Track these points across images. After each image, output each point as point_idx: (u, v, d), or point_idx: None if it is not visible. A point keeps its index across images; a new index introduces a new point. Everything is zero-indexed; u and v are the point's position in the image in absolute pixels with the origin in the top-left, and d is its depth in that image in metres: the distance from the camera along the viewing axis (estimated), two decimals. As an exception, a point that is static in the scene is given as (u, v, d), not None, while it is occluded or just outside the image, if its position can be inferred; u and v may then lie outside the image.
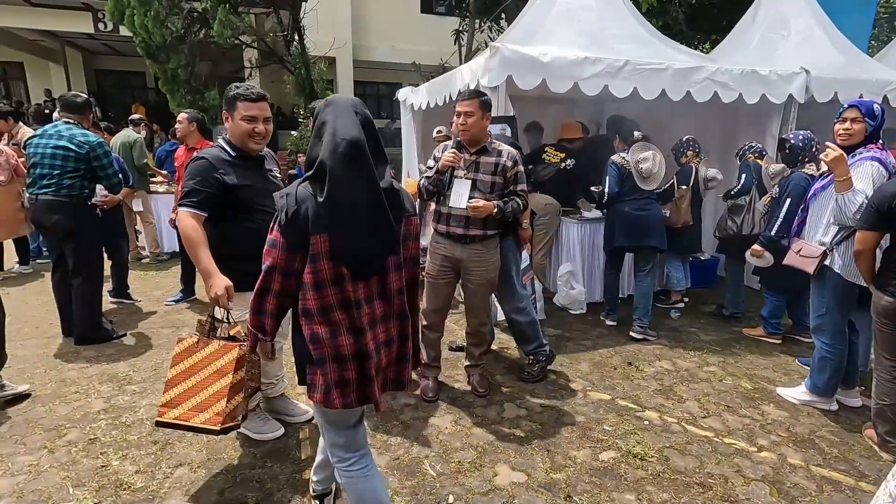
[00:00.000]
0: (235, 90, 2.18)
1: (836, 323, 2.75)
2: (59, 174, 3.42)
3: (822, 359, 2.83)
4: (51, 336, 3.76)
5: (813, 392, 2.92)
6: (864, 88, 4.71)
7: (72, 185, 3.45)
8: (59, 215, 3.45)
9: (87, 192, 3.53)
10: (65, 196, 3.44)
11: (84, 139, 3.47)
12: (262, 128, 2.21)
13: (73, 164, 3.44)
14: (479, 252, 2.74)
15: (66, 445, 2.44)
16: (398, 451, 2.44)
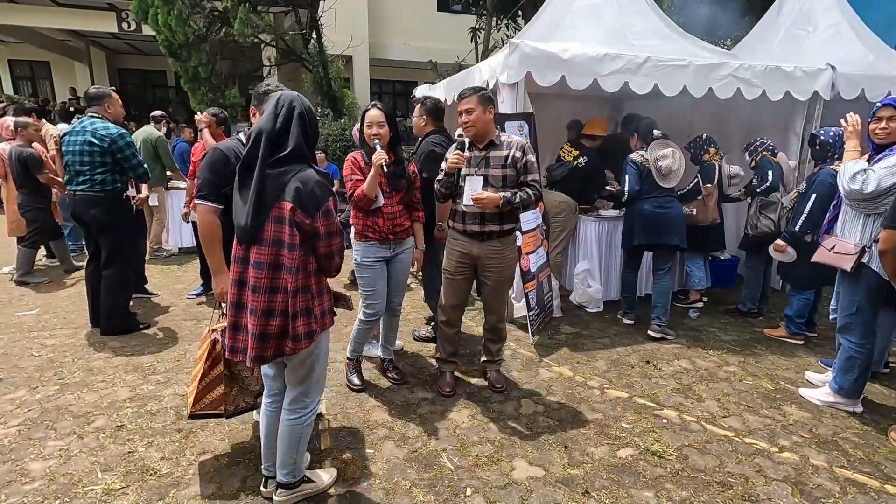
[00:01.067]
0: (267, 86, 2.24)
1: (866, 322, 2.71)
2: (89, 169, 3.53)
3: (849, 358, 2.78)
4: (78, 326, 3.87)
5: (838, 393, 2.87)
6: (892, 85, 4.60)
7: (104, 179, 3.56)
8: (95, 209, 3.57)
9: (119, 185, 3.64)
10: (99, 191, 3.56)
11: (105, 132, 3.54)
12: None
13: (99, 157, 3.53)
14: (495, 248, 2.74)
15: (95, 431, 2.51)
16: (416, 444, 2.47)
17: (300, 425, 1.93)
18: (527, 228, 3.75)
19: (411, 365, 3.32)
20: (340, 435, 2.54)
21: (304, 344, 1.78)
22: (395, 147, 2.70)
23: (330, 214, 1.73)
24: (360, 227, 2.76)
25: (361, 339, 2.99)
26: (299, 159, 1.72)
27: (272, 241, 1.71)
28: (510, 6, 9.73)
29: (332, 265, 1.83)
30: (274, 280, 1.72)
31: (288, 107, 1.71)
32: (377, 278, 2.81)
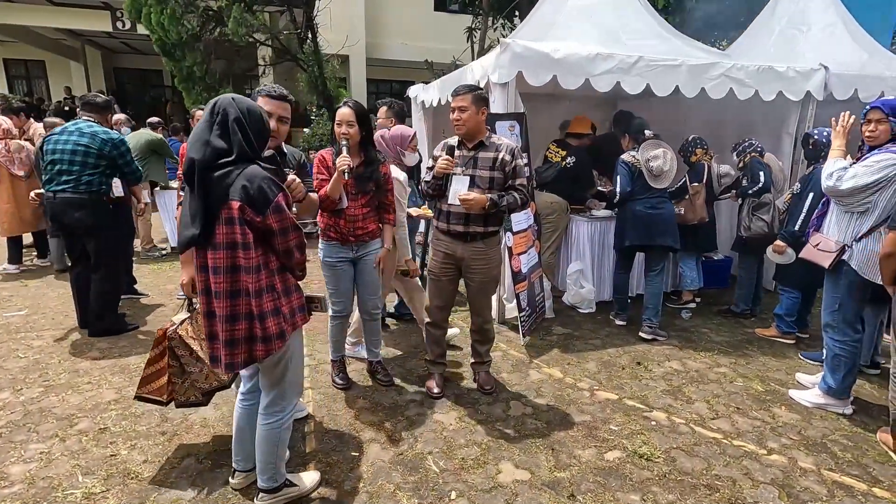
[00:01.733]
0: (264, 86, 2.22)
1: (848, 319, 2.73)
2: (78, 170, 3.48)
3: (834, 357, 2.79)
4: (66, 328, 3.84)
5: (827, 394, 2.86)
6: (885, 86, 4.59)
7: (90, 181, 3.50)
8: (80, 212, 3.51)
9: (104, 188, 3.59)
10: (84, 192, 3.50)
11: (107, 136, 3.55)
12: (275, 125, 2.22)
13: (93, 160, 3.50)
14: (480, 250, 2.72)
15: (77, 434, 2.49)
16: (402, 447, 2.44)
17: (278, 429, 1.91)
18: (518, 229, 3.74)
19: (400, 366, 3.30)
20: (326, 437, 2.52)
21: (278, 344, 1.76)
22: (366, 147, 2.65)
23: (281, 210, 1.69)
24: (322, 226, 2.74)
25: (336, 338, 2.97)
26: (242, 160, 1.68)
27: (226, 243, 1.67)
28: (506, 5, 9.71)
29: (293, 261, 1.79)
30: (234, 283, 1.69)
31: (223, 114, 1.67)
32: (340, 278, 2.79)
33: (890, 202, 2.51)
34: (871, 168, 2.50)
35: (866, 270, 2.57)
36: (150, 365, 2.20)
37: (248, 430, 1.98)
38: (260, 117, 1.76)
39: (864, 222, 2.59)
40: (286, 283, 1.80)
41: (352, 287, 2.87)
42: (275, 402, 1.90)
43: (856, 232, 2.62)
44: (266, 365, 1.84)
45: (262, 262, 1.72)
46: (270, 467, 1.94)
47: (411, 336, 3.80)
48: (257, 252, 1.70)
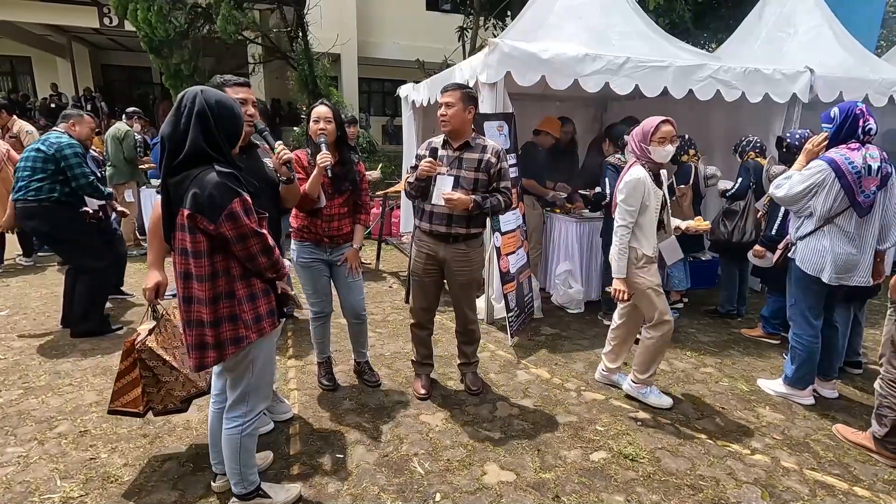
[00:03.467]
0: (221, 79, 2.17)
1: (802, 314, 2.86)
2: (28, 177, 3.45)
3: (791, 349, 2.95)
4: (49, 328, 3.78)
5: (786, 383, 3.00)
6: (870, 88, 4.64)
7: (39, 188, 3.44)
8: (33, 220, 3.47)
9: (56, 195, 3.46)
10: (32, 200, 3.44)
11: (55, 140, 3.50)
12: (252, 109, 2.19)
13: (41, 164, 3.45)
14: (462, 252, 2.70)
15: (57, 437, 2.44)
16: (387, 449, 2.43)
17: (238, 435, 1.83)
18: (507, 229, 3.74)
19: (388, 367, 3.29)
20: (311, 439, 2.50)
21: (230, 350, 1.71)
22: (340, 147, 2.62)
23: (235, 218, 1.60)
24: (296, 227, 2.70)
25: (320, 340, 2.94)
26: (200, 161, 1.61)
27: (179, 249, 1.66)
28: (497, 5, 9.71)
29: (258, 266, 1.71)
30: (186, 290, 1.67)
31: (189, 106, 1.60)
32: (317, 278, 2.75)
33: (825, 206, 2.64)
34: (803, 176, 2.69)
35: (807, 265, 2.74)
36: (121, 378, 2.13)
37: (219, 432, 1.94)
38: (232, 111, 1.67)
39: (808, 224, 2.77)
40: (251, 289, 1.73)
41: (329, 287, 2.84)
42: (236, 406, 1.84)
43: (801, 232, 2.80)
44: (226, 367, 1.80)
45: (221, 269, 1.67)
46: (235, 473, 1.89)
47: (399, 337, 3.79)
48: (212, 259, 1.65)
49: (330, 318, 2.93)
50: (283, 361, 3.31)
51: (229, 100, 1.70)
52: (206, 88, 1.67)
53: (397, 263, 5.89)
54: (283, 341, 3.59)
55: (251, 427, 1.87)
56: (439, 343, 3.59)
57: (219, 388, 1.96)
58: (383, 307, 4.46)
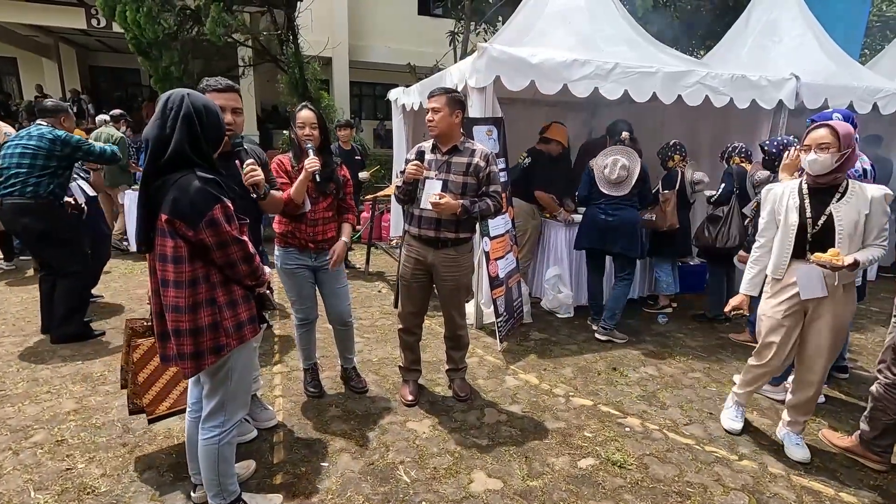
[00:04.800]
0: (206, 82, 2.14)
1: None
2: (25, 173, 3.35)
3: None
4: (28, 334, 3.69)
5: (771, 384, 3.00)
6: (854, 96, 4.72)
7: (38, 184, 3.36)
8: (27, 218, 3.37)
9: (56, 191, 3.42)
10: (30, 197, 3.35)
11: (54, 135, 3.40)
12: (230, 117, 2.15)
13: (42, 161, 3.37)
14: (450, 257, 2.67)
15: (32, 447, 2.38)
16: (373, 457, 2.39)
17: (215, 444, 1.80)
18: (496, 234, 3.72)
19: (375, 373, 3.25)
20: (295, 447, 2.45)
21: (210, 360, 1.68)
22: (324, 152, 2.59)
23: (216, 224, 1.58)
24: (280, 232, 2.66)
25: (305, 346, 2.89)
26: (182, 165, 1.58)
27: (159, 255, 1.62)
28: (488, 10, 9.74)
29: (238, 273, 1.68)
30: (165, 297, 1.64)
31: (175, 108, 1.57)
32: (301, 284, 2.71)
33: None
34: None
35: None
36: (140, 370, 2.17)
37: (197, 442, 1.90)
38: (217, 117, 1.67)
39: None
40: (231, 296, 1.71)
41: (314, 292, 2.80)
42: (213, 416, 1.80)
43: None
44: (203, 375, 1.76)
45: (201, 276, 1.64)
46: (213, 484, 1.84)
47: (387, 342, 3.75)
48: (192, 265, 1.62)
49: (315, 324, 2.88)
50: (269, 368, 3.26)
51: (213, 105, 1.69)
52: (192, 91, 1.65)
53: (387, 268, 5.85)
54: (269, 347, 3.54)
55: (229, 436, 1.83)
56: (427, 348, 3.56)
57: (195, 396, 1.91)
58: (371, 312, 4.42)
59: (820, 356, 2.39)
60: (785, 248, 2.37)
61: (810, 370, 2.43)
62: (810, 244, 2.30)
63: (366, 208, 6.54)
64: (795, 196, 2.36)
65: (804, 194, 2.34)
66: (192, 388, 1.93)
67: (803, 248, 2.32)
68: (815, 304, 2.34)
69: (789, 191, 2.39)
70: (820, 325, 2.35)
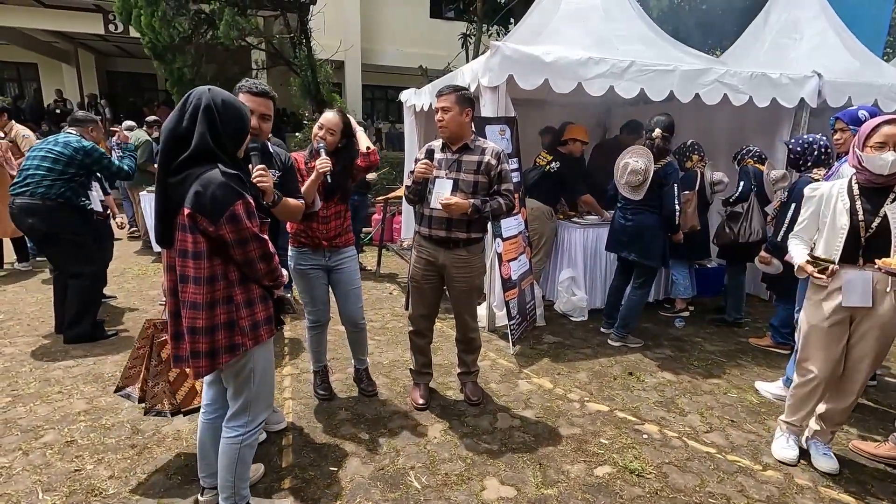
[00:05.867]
0: (244, 82, 2.14)
1: None
2: (41, 175, 3.41)
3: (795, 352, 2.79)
4: (41, 334, 3.71)
5: (788, 386, 2.87)
6: (878, 93, 4.57)
7: (50, 186, 3.40)
8: (33, 218, 3.42)
9: (65, 195, 3.45)
10: (38, 198, 3.39)
11: (79, 145, 3.50)
12: (256, 122, 2.13)
13: (61, 167, 3.44)
14: (462, 257, 2.62)
15: (42, 448, 2.37)
16: (383, 462, 2.34)
17: (237, 445, 1.78)
18: (508, 235, 3.66)
19: (385, 376, 3.20)
20: (304, 451, 2.41)
21: (225, 359, 1.65)
22: (340, 156, 2.55)
23: (237, 220, 1.55)
24: (294, 232, 2.63)
25: (316, 348, 2.86)
26: (205, 160, 1.56)
27: (179, 251, 1.60)
28: (499, 12, 9.71)
29: (256, 272, 1.66)
30: (183, 293, 1.62)
31: (195, 103, 1.56)
32: (314, 285, 2.68)
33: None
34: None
35: None
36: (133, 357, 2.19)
37: (209, 444, 1.88)
38: (238, 112, 1.64)
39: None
40: (249, 295, 1.68)
41: (328, 294, 2.76)
42: (238, 415, 1.79)
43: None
44: (225, 375, 1.74)
45: (220, 273, 1.62)
46: (228, 486, 1.81)
47: (398, 345, 3.70)
48: (211, 262, 1.60)
49: (327, 326, 2.85)
50: (279, 370, 3.23)
51: (236, 100, 1.67)
52: (214, 88, 1.64)
53: (398, 269, 5.81)
54: (279, 349, 3.52)
55: (252, 437, 1.82)
56: (439, 352, 3.50)
57: (210, 397, 1.89)
58: (383, 314, 4.38)
59: (862, 366, 2.25)
60: (831, 253, 2.20)
61: (850, 379, 2.30)
62: (864, 249, 2.14)
63: (377, 210, 6.52)
64: (845, 197, 2.19)
65: (855, 195, 2.17)
66: (206, 390, 1.90)
67: (855, 253, 2.16)
68: (863, 312, 2.19)
69: (837, 191, 2.22)
70: (866, 333, 2.20)
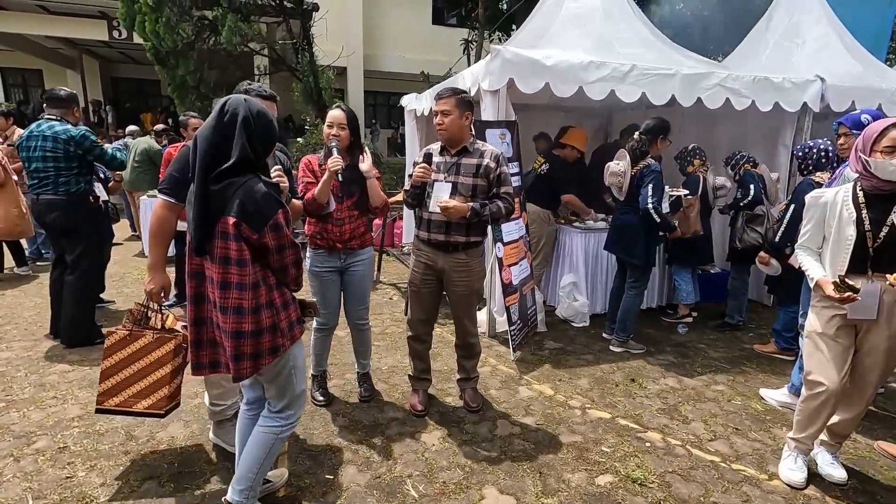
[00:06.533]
0: (246, 85, 2.14)
1: None
2: (54, 173, 3.43)
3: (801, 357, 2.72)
4: (38, 338, 3.69)
5: (792, 393, 2.88)
6: (882, 97, 4.54)
7: (68, 181, 3.46)
8: (56, 213, 3.46)
9: (82, 188, 3.52)
10: (63, 194, 3.45)
11: (67, 136, 3.43)
12: None
13: (64, 163, 3.44)
14: (461, 261, 2.59)
15: (34, 454, 2.33)
16: (380, 470, 2.29)
17: (274, 435, 1.83)
18: (509, 240, 3.63)
19: (384, 382, 3.16)
20: (300, 458, 2.37)
21: (268, 360, 1.69)
22: (353, 152, 2.57)
23: (279, 228, 1.62)
24: (310, 234, 2.64)
25: (319, 352, 2.85)
26: (245, 170, 1.60)
27: (220, 258, 1.61)
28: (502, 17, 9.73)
29: (288, 277, 1.72)
30: (225, 299, 1.62)
31: (232, 112, 1.59)
32: (327, 287, 2.68)
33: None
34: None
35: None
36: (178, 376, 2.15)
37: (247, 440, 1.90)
38: (269, 122, 1.68)
39: None
40: (284, 298, 1.74)
41: (339, 298, 2.75)
42: (283, 410, 1.84)
43: None
44: (266, 377, 1.78)
45: (261, 278, 1.66)
46: (250, 477, 1.83)
47: (397, 350, 3.66)
48: (254, 268, 1.63)
49: (333, 331, 2.85)
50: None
51: (266, 111, 1.69)
52: (249, 98, 1.67)
53: (398, 275, 5.78)
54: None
55: (289, 430, 1.88)
56: (438, 357, 3.46)
57: (251, 397, 1.94)
58: (382, 319, 4.34)
59: (871, 377, 2.17)
60: (838, 265, 2.09)
61: (858, 389, 2.21)
62: (872, 260, 2.03)
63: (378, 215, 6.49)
64: (850, 206, 2.08)
65: (860, 203, 2.06)
66: (247, 390, 1.94)
67: (862, 264, 2.05)
68: (869, 323, 2.10)
69: (842, 199, 2.11)
70: (874, 347, 2.12)
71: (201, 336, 1.71)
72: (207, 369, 1.76)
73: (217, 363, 1.75)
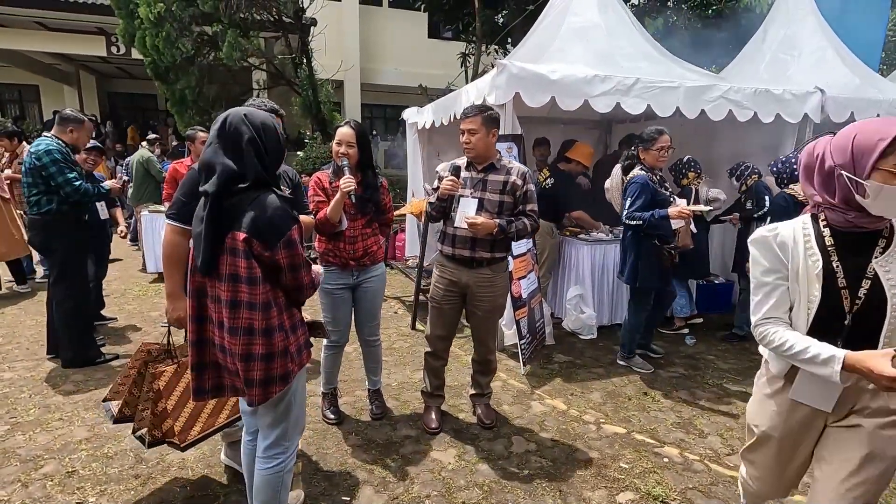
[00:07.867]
0: (250, 102, 2.11)
1: None
2: (27, 192, 3.35)
3: None
4: (41, 358, 3.62)
5: None
6: (880, 108, 4.60)
7: (38, 200, 3.32)
8: (32, 232, 3.42)
9: (55, 207, 3.30)
10: (36, 214, 3.34)
11: (34, 149, 3.26)
12: None
13: (31, 178, 3.29)
14: (486, 277, 2.57)
15: (42, 479, 2.27)
16: (397, 490, 2.25)
17: (279, 473, 1.72)
18: (518, 253, 3.62)
19: (395, 398, 3.12)
20: (315, 479, 2.33)
21: (278, 388, 1.59)
22: (364, 170, 2.55)
23: (293, 245, 1.53)
24: (322, 251, 2.61)
25: (330, 369, 2.81)
26: (260, 185, 1.53)
27: (228, 275, 1.51)
28: (499, 32, 9.84)
29: (301, 297, 1.65)
30: (234, 319, 1.52)
31: (234, 133, 1.50)
32: (338, 305, 2.65)
33: None
34: None
35: None
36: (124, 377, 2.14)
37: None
38: (276, 134, 1.59)
39: None
40: (293, 320, 1.65)
41: (350, 315, 2.73)
42: (276, 444, 1.71)
43: None
44: (267, 407, 1.66)
45: (271, 298, 1.56)
46: None
47: (405, 366, 3.63)
48: (265, 287, 1.53)
49: (343, 348, 2.81)
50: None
51: (271, 121, 1.60)
52: (249, 110, 1.57)
53: (402, 288, 5.75)
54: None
55: (292, 461, 1.77)
56: (449, 373, 3.41)
57: (253, 425, 1.82)
58: (389, 333, 4.31)
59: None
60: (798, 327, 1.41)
61: None
62: (849, 331, 1.34)
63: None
64: (814, 250, 1.37)
65: (828, 247, 1.37)
66: (248, 419, 1.83)
67: (832, 336, 1.34)
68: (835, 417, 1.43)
69: (803, 240, 1.40)
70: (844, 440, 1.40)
71: (203, 358, 1.62)
72: (210, 394, 1.66)
73: (221, 387, 1.65)
